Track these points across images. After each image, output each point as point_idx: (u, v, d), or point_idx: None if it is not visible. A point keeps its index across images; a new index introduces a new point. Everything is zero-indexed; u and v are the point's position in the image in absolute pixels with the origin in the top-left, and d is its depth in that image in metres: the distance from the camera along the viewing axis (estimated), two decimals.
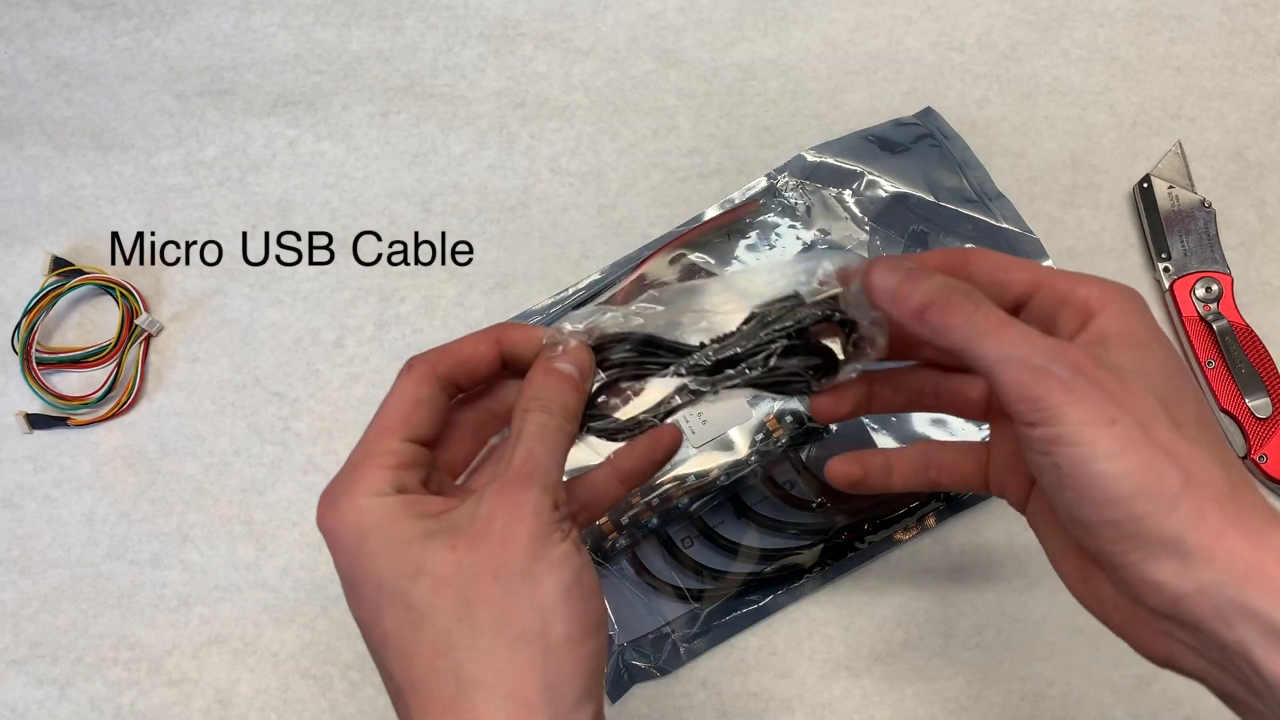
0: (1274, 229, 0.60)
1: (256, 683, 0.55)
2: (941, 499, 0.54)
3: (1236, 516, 0.30)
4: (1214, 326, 0.56)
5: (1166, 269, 0.58)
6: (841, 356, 0.38)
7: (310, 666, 0.55)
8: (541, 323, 0.57)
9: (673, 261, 0.57)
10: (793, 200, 0.59)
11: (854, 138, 0.60)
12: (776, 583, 0.53)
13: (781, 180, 0.59)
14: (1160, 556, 0.30)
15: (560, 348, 0.37)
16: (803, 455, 0.54)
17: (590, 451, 0.47)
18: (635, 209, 0.63)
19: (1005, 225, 0.57)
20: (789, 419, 0.54)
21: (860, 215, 0.58)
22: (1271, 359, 0.56)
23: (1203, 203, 0.59)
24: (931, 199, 0.58)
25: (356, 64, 0.68)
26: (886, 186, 0.58)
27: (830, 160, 0.59)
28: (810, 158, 0.60)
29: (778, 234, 0.58)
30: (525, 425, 0.35)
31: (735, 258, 0.57)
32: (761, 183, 0.60)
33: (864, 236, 0.57)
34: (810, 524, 0.53)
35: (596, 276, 0.59)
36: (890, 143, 0.60)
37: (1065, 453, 0.31)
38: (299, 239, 0.64)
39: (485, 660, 0.31)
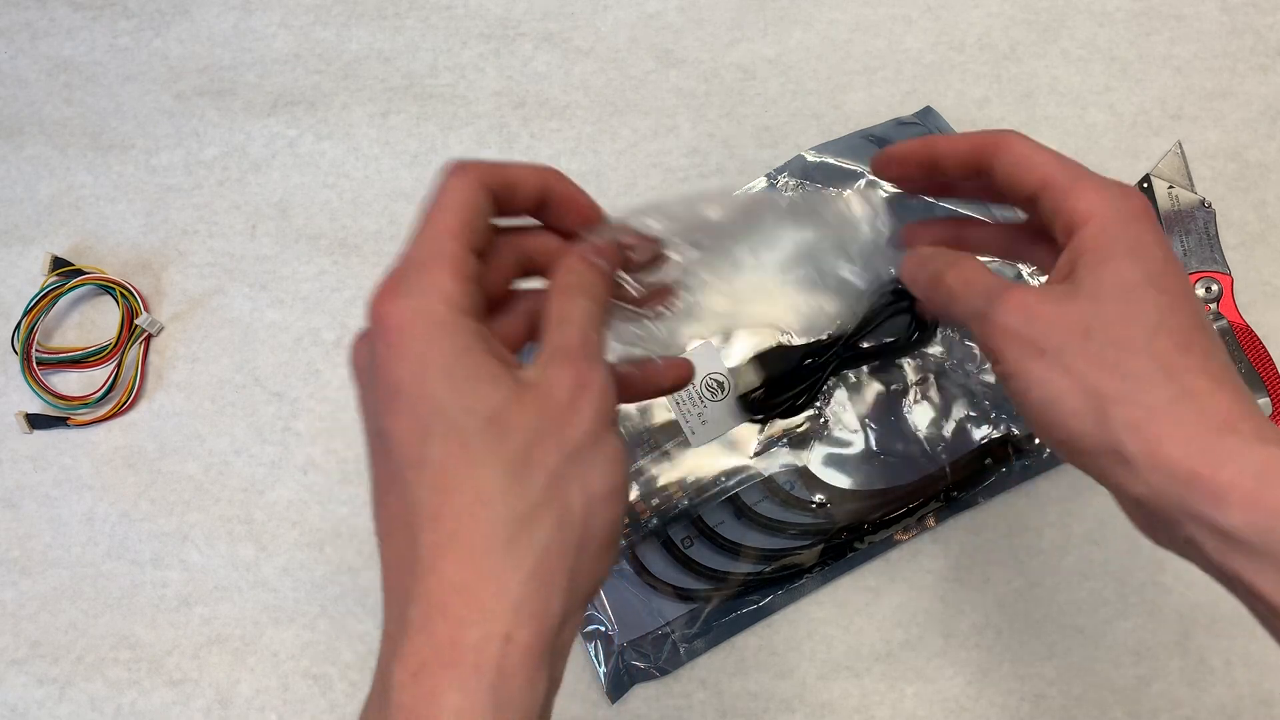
0: (1274, 229, 0.60)
1: (256, 683, 0.55)
2: (941, 499, 0.54)
3: (1175, 425, 0.31)
4: (1214, 327, 0.56)
5: None
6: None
7: (310, 666, 0.55)
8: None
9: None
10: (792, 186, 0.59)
11: (854, 137, 0.60)
12: (776, 583, 0.53)
13: (781, 180, 0.59)
14: (1110, 464, 0.32)
15: (591, 241, 0.35)
16: (803, 456, 0.54)
17: None
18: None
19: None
20: (791, 422, 0.54)
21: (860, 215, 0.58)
22: (1271, 359, 0.56)
23: (1203, 203, 0.59)
24: (930, 200, 0.58)
25: (356, 64, 0.68)
26: (886, 187, 0.58)
27: (830, 160, 0.59)
28: (810, 158, 0.60)
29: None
30: (573, 309, 0.33)
31: (734, 257, 0.57)
32: (761, 183, 0.60)
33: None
34: (810, 524, 0.53)
35: None
36: (890, 142, 0.59)
37: (1011, 386, 0.34)
38: (299, 239, 0.64)
39: (524, 526, 0.29)
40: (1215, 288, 0.57)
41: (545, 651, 0.28)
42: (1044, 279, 0.42)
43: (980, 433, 0.54)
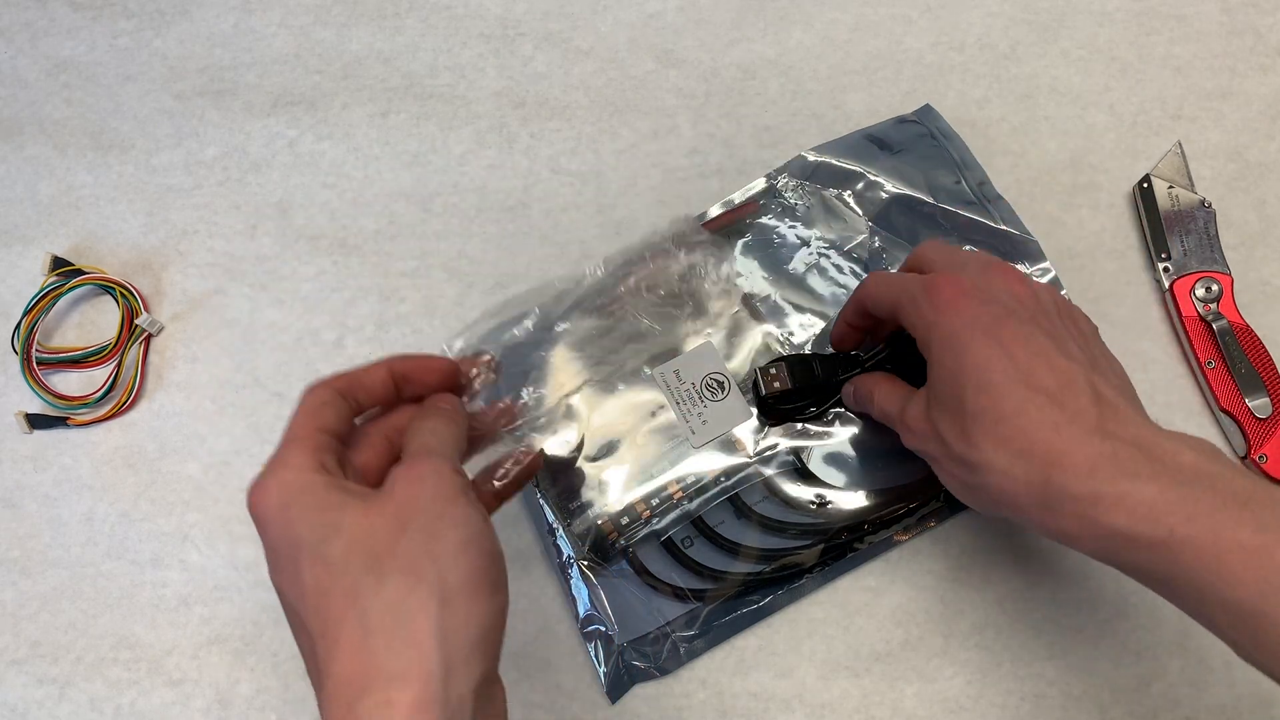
0: (1274, 229, 0.60)
1: (256, 683, 0.55)
2: (941, 499, 0.54)
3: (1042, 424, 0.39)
4: (1214, 326, 0.56)
5: (1166, 269, 0.58)
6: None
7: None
8: (539, 320, 0.56)
9: (656, 272, 0.57)
10: (792, 201, 0.59)
11: (854, 137, 0.60)
12: (776, 583, 0.53)
13: (781, 181, 0.59)
14: (1036, 501, 0.40)
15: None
16: (803, 456, 0.54)
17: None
18: (635, 209, 0.63)
19: (1004, 227, 0.57)
20: (793, 424, 0.54)
21: (860, 215, 0.58)
22: (1271, 359, 0.56)
23: (1203, 203, 0.59)
24: (931, 200, 0.58)
25: (356, 64, 0.68)
26: (888, 187, 0.58)
27: (830, 160, 0.59)
28: (810, 158, 0.60)
29: (778, 234, 0.58)
30: (420, 427, 0.41)
31: (734, 257, 0.57)
32: (761, 183, 0.60)
33: (864, 236, 0.57)
34: (810, 524, 0.53)
35: (601, 274, 0.59)
36: (890, 142, 0.60)
37: (942, 470, 0.45)
38: (299, 239, 0.64)
39: (386, 608, 0.34)
40: (1215, 288, 0.57)
41: (435, 703, 0.32)
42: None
43: None
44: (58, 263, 0.62)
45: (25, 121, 0.68)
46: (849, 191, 0.58)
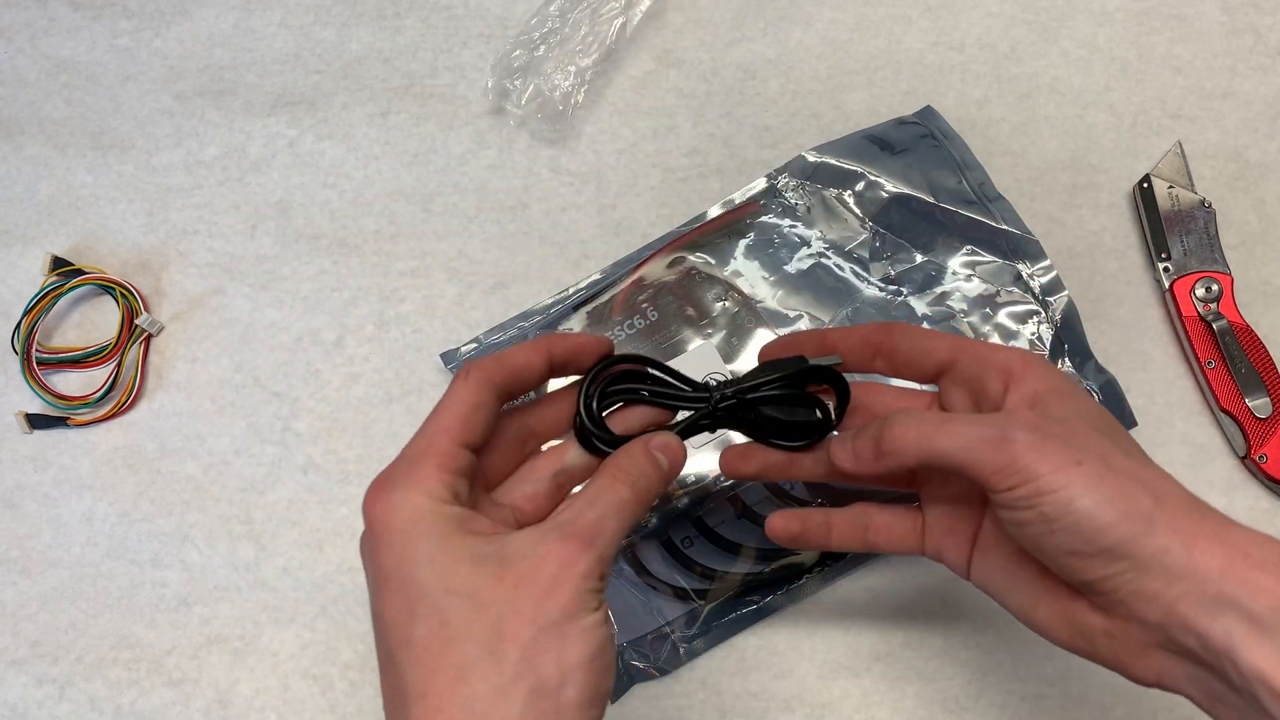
0: (1274, 229, 0.60)
1: (256, 683, 0.55)
2: None
3: (1202, 522, 0.34)
4: (1214, 326, 0.56)
5: (1166, 269, 0.58)
6: (833, 418, 0.42)
7: (310, 666, 0.55)
8: (542, 323, 0.57)
9: (672, 264, 0.57)
10: (793, 201, 0.59)
11: (855, 138, 0.60)
12: (776, 583, 0.53)
13: (782, 181, 0.59)
14: (1151, 569, 0.33)
15: (663, 437, 0.39)
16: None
17: None
18: (635, 209, 0.63)
19: (1005, 227, 0.57)
20: None
21: (861, 216, 0.58)
22: (1271, 359, 0.56)
23: (1203, 203, 0.59)
24: (932, 200, 0.58)
25: (356, 64, 0.68)
26: (888, 187, 0.58)
27: (831, 161, 0.59)
28: (811, 158, 0.59)
29: (778, 235, 0.58)
30: (609, 492, 0.36)
31: (734, 258, 0.57)
32: (761, 183, 0.60)
33: (865, 236, 0.57)
34: None
35: (597, 276, 0.59)
36: (891, 142, 0.59)
37: (1047, 500, 0.34)
38: (299, 239, 0.64)
39: (500, 698, 0.32)
40: (1215, 288, 0.57)
41: None
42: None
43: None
44: (58, 263, 0.62)
45: (25, 121, 0.68)
46: (849, 192, 0.58)
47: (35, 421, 0.60)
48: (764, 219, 0.58)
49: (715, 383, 0.41)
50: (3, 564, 0.58)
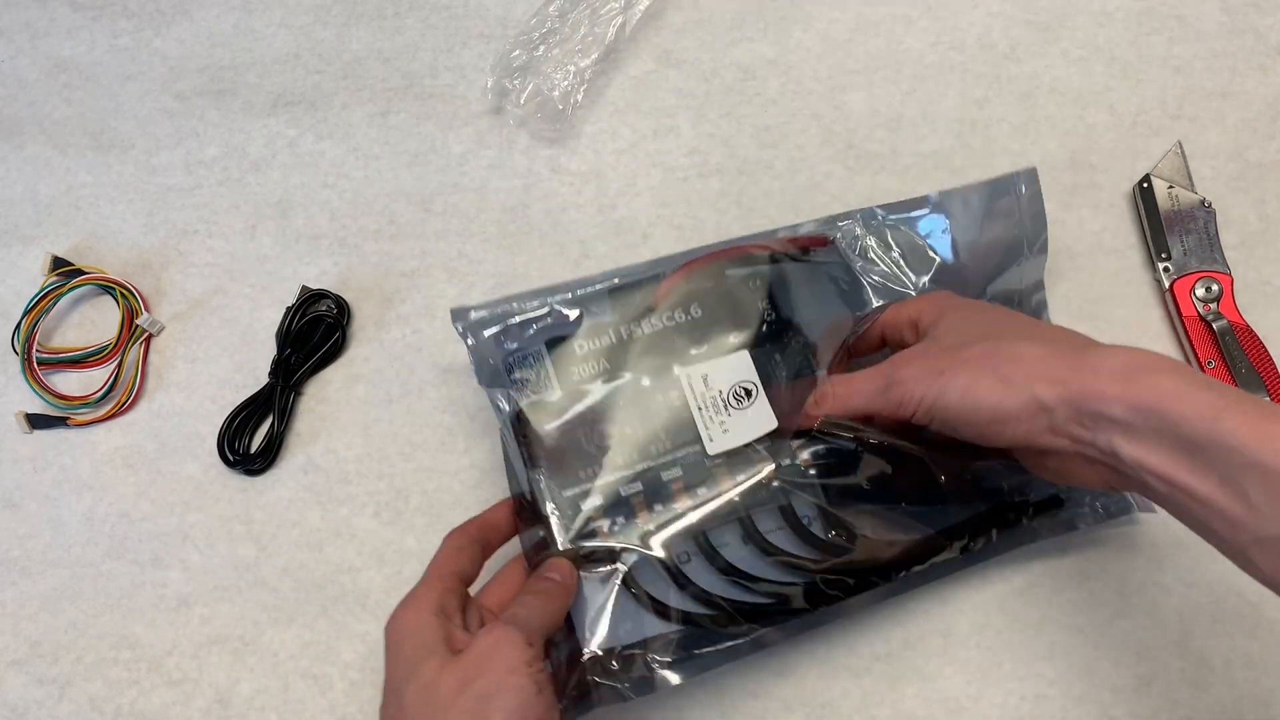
0: (1274, 229, 0.60)
1: (256, 683, 0.55)
2: (958, 551, 0.51)
3: (1056, 360, 0.41)
4: (1214, 326, 0.56)
5: (1166, 269, 0.58)
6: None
7: (310, 666, 0.55)
8: (569, 300, 0.52)
9: (727, 269, 0.53)
10: (860, 242, 0.55)
11: (926, 200, 0.56)
12: (770, 617, 0.48)
13: (845, 224, 0.55)
14: (1030, 415, 0.42)
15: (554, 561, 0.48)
16: (828, 492, 0.49)
17: None
18: (635, 209, 0.63)
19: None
20: (821, 451, 0.49)
21: (912, 273, 0.55)
22: (1271, 359, 0.56)
23: (1203, 203, 0.59)
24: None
25: (356, 64, 0.68)
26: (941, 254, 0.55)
27: (901, 224, 0.55)
28: (880, 215, 0.55)
29: (835, 272, 0.54)
30: (522, 596, 0.46)
31: (793, 282, 0.53)
32: (839, 218, 0.56)
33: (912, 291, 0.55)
34: (819, 563, 0.48)
35: (636, 266, 0.54)
36: (973, 206, 0.55)
37: (935, 411, 0.44)
38: (299, 239, 0.64)
39: None
40: (1215, 288, 0.57)
41: None
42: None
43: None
44: (58, 263, 0.62)
45: (25, 121, 0.68)
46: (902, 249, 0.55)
47: (35, 421, 0.60)
48: (825, 255, 0.54)
49: None
50: (3, 564, 0.58)
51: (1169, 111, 0.63)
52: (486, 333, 0.51)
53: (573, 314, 0.52)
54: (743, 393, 0.51)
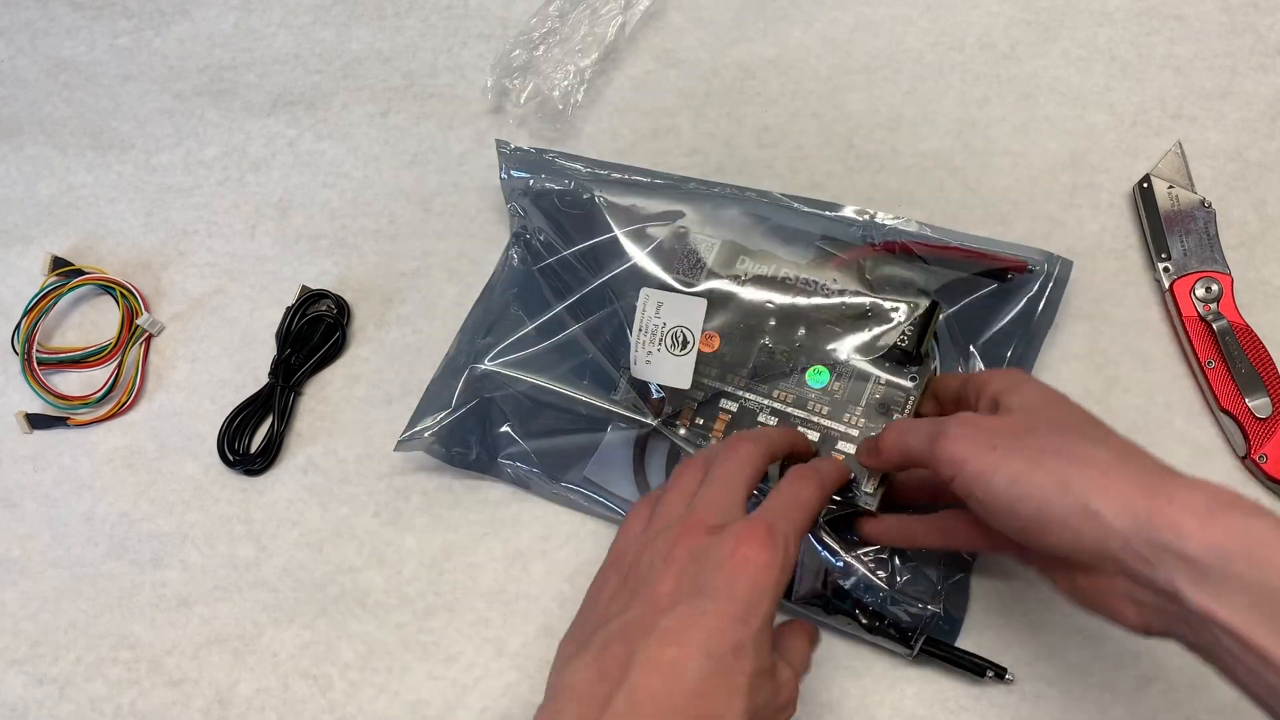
0: (1274, 229, 0.60)
1: (256, 683, 0.55)
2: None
3: (1125, 476, 0.36)
4: (1214, 326, 0.56)
5: (1166, 269, 0.58)
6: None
7: (310, 666, 0.55)
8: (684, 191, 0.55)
9: (877, 263, 0.54)
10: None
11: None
12: None
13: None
14: (1080, 524, 0.36)
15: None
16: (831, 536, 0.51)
17: None
18: None
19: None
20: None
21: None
22: (1271, 359, 0.56)
23: (1203, 203, 0.59)
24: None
25: (356, 64, 0.68)
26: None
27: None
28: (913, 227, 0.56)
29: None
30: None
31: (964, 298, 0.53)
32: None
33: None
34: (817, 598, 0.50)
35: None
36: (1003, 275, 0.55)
37: (976, 485, 0.39)
38: (299, 239, 0.64)
39: None
40: (1215, 288, 0.57)
41: None
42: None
43: None
44: (58, 263, 0.63)
45: (25, 121, 0.68)
46: None
47: (35, 421, 0.60)
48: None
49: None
50: (3, 564, 0.58)
51: (1169, 111, 0.63)
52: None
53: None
54: (680, 340, 0.51)
